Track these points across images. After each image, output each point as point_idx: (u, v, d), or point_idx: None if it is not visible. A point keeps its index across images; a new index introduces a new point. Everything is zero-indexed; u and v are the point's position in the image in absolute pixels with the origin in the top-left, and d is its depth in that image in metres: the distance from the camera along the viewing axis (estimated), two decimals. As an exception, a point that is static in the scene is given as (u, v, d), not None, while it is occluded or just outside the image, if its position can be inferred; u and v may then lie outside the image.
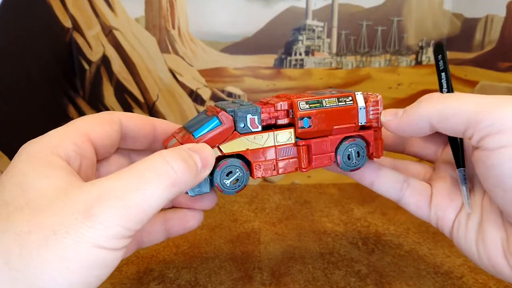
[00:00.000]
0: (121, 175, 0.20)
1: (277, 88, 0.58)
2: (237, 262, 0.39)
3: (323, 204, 0.52)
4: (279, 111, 0.27)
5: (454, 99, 0.23)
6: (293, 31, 0.57)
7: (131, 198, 0.19)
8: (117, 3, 0.54)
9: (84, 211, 0.18)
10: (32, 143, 0.22)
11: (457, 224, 0.27)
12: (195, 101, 0.58)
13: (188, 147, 0.23)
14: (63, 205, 0.19)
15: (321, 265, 0.39)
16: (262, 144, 0.27)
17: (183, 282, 0.36)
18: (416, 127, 0.25)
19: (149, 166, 0.20)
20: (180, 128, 0.28)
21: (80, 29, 0.55)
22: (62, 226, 0.18)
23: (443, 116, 0.23)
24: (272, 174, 0.28)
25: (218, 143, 0.26)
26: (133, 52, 0.56)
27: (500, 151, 0.21)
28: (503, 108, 0.21)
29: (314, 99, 0.27)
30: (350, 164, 0.29)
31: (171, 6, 0.55)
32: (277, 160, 0.28)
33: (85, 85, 0.57)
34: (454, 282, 0.36)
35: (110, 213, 0.18)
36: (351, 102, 0.28)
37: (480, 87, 0.52)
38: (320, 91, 0.30)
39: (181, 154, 0.22)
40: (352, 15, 0.56)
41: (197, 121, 0.27)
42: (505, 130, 0.21)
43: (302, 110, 0.27)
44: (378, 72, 0.59)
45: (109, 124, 0.25)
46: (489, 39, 0.51)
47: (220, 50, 0.56)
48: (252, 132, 0.26)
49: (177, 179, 0.21)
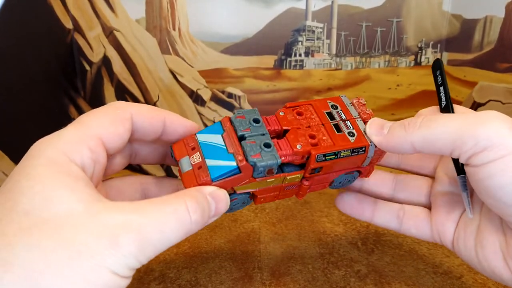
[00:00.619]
0: (147, 211, 0.21)
1: (277, 88, 0.59)
2: (237, 262, 0.39)
3: (323, 204, 0.52)
4: (295, 156, 0.27)
5: (439, 123, 0.24)
6: (293, 32, 0.57)
7: (152, 237, 0.20)
8: (118, 4, 0.54)
9: (111, 239, 0.19)
10: (47, 145, 0.22)
11: (457, 234, 0.28)
12: (196, 101, 0.58)
13: (209, 192, 0.24)
14: (90, 227, 0.19)
15: (320, 265, 0.39)
16: (271, 185, 0.28)
17: (183, 282, 0.36)
18: (400, 148, 0.26)
19: (173, 211, 0.21)
20: (193, 139, 0.27)
21: (81, 30, 0.55)
22: (88, 249, 0.18)
23: (427, 142, 0.24)
24: (271, 201, 0.29)
25: (233, 186, 0.26)
26: (134, 53, 0.56)
27: (487, 166, 0.22)
28: (484, 126, 0.22)
29: (332, 151, 0.27)
30: (339, 186, 0.32)
31: (171, 7, 0.55)
32: (279, 193, 0.29)
33: (86, 86, 0.57)
34: (453, 282, 0.36)
35: (133, 245, 0.19)
36: (363, 152, 0.28)
37: (479, 87, 0.53)
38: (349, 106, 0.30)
39: (201, 206, 0.23)
40: (352, 16, 0.57)
41: (214, 147, 0.26)
42: (489, 147, 0.22)
43: (318, 162, 0.27)
44: (377, 73, 0.59)
45: (122, 123, 0.24)
46: (488, 40, 0.51)
47: (220, 51, 0.57)
48: (266, 177, 0.27)
49: (192, 228, 0.22)
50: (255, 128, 0.27)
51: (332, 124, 0.28)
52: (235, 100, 0.59)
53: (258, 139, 0.26)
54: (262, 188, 0.28)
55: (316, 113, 0.29)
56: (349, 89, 0.59)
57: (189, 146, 0.26)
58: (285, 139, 0.27)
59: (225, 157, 0.25)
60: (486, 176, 0.22)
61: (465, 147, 0.23)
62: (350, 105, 0.30)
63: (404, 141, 0.25)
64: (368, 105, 0.30)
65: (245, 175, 0.26)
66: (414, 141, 0.24)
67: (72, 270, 0.18)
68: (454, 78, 0.57)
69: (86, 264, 0.18)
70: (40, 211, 0.19)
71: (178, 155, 0.26)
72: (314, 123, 0.28)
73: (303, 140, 0.27)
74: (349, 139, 0.28)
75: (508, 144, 0.21)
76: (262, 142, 0.26)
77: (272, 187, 0.28)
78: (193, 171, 0.25)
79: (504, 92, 0.48)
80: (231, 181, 0.25)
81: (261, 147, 0.25)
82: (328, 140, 0.27)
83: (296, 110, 0.29)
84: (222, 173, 0.25)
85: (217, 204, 0.24)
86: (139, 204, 0.21)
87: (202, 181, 0.25)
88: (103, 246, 0.19)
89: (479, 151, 0.22)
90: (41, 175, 0.20)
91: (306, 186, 0.29)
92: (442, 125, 0.24)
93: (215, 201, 0.24)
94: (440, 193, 0.30)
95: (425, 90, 0.60)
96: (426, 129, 0.24)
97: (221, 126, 0.27)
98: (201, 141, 0.26)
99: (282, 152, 0.26)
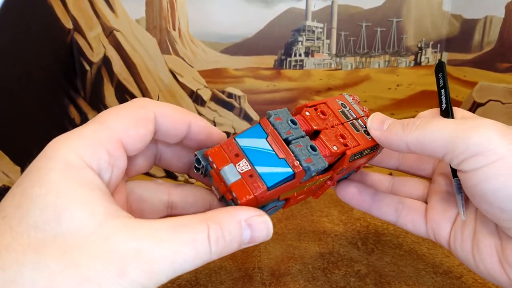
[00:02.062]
0: (161, 238, 0.19)
1: (277, 88, 0.59)
2: (237, 262, 0.39)
3: (323, 204, 0.52)
4: (332, 157, 0.26)
5: (433, 126, 0.24)
6: (292, 32, 0.57)
7: (164, 267, 0.19)
8: (118, 4, 0.54)
9: (120, 268, 0.18)
10: (64, 146, 0.21)
11: (453, 235, 0.28)
12: (196, 101, 0.58)
13: (246, 218, 0.21)
14: (100, 251, 0.18)
15: (320, 265, 0.39)
16: (305, 188, 0.27)
17: (183, 282, 0.36)
18: (395, 146, 0.26)
19: (191, 241, 0.19)
20: (233, 144, 0.24)
21: (81, 30, 0.55)
22: (96, 276, 0.18)
23: (421, 144, 0.25)
24: (297, 203, 0.29)
25: (283, 193, 0.25)
26: (134, 53, 0.56)
27: (478, 172, 0.22)
28: (475, 132, 0.22)
29: (360, 151, 0.28)
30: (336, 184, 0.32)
31: (171, 7, 0.55)
32: (305, 195, 0.29)
33: (86, 86, 0.57)
34: (453, 282, 0.36)
35: (141, 275, 0.18)
36: (376, 149, 0.29)
37: (479, 87, 0.53)
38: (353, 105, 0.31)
39: (228, 235, 0.20)
40: (352, 16, 0.57)
41: (262, 153, 0.24)
42: (479, 153, 0.22)
43: (349, 162, 0.27)
44: (377, 73, 0.59)
45: (144, 125, 0.23)
46: (488, 40, 0.51)
47: (220, 51, 0.57)
48: (308, 180, 0.26)
49: (212, 258, 0.20)
50: (294, 130, 0.25)
51: (349, 123, 0.29)
52: (235, 100, 0.59)
53: (303, 143, 0.25)
54: (299, 192, 0.27)
55: (333, 113, 0.29)
56: (349, 89, 0.59)
57: (230, 153, 0.24)
58: (320, 139, 0.26)
59: (278, 164, 0.24)
60: (478, 181, 0.23)
61: (456, 152, 0.23)
62: (354, 103, 0.31)
63: (400, 140, 0.25)
64: (368, 105, 0.31)
65: (297, 180, 0.24)
66: (409, 142, 0.25)
67: None
68: (454, 78, 0.57)
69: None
70: (51, 226, 0.18)
71: (219, 162, 0.24)
72: (336, 123, 0.28)
73: (335, 141, 0.27)
74: (367, 138, 0.28)
75: (497, 150, 0.22)
76: (307, 145, 0.25)
77: (305, 190, 0.28)
78: (244, 181, 0.23)
79: (504, 92, 0.48)
80: (283, 188, 0.24)
81: (309, 150, 0.24)
82: (353, 139, 0.28)
83: (320, 110, 0.28)
84: (278, 181, 0.23)
85: (254, 233, 0.21)
86: (154, 228, 0.19)
87: (257, 191, 0.23)
88: (111, 274, 0.18)
89: (469, 156, 0.22)
90: (55, 182, 0.19)
91: (328, 185, 0.30)
92: (436, 129, 0.24)
93: (252, 229, 0.21)
94: (436, 192, 0.30)
95: (425, 90, 0.60)
96: (422, 131, 0.25)
97: (262, 129, 0.25)
98: (244, 147, 0.24)
99: (322, 153, 0.25)
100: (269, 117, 0.25)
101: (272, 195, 0.24)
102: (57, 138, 0.21)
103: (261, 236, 0.22)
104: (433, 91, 0.60)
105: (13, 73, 0.47)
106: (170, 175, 0.60)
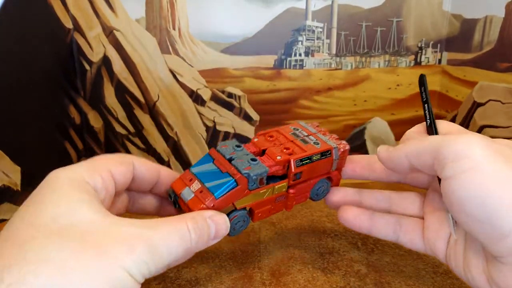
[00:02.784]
0: (156, 227, 0.24)
1: (277, 88, 0.59)
2: (237, 262, 0.39)
3: (323, 204, 0.52)
4: (278, 166, 0.31)
5: (427, 140, 0.27)
6: (292, 32, 0.57)
7: (160, 249, 0.24)
8: (118, 4, 0.54)
9: (129, 246, 0.22)
10: (65, 171, 0.26)
11: (448, 253, 0.29)
12: (196, 101, 0.58)
13: (209, 216, 0.27)
14: (111, 234, 0.23)
15: (320, 264, 0.39)
16: (264, 196, 0.32)
17: (183, 282, 0.36)
18: (397, 160, 0.28)
19: (177, 230, 0.25)
20: (188, 173, 0.31)
21: (81, 29, 0.55)
22: (111, 252, 0.22)
23: (416, 153, 0.27)
24: (266, 216, 0.34)
25: (234, 201, 0.30)
26: (134, 53, 0.56)
27: (456, 178, 0.23)
28: (457, 140, 0.24)
29: (306, 156, 0.32)
30: (318, 198, 0.36)
31: (171, 7, 0.55)
32: (271, 206, 0.33)
33: (86, 86, 0.57)
34: (453, 281, 0.36)
35: (145, 253, 0.23)
36: (329, 154, 0.34)
37: (479, 87, 0.53)
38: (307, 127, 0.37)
39: (200, 226, 0.26)
40: (352, 16, 0.57)
41: (210, 172, 0.30)
42: (458, 159, 0.23)
43: (297, 167, 0.32)
44: (377, 73, 0.59)
45: (126, 164, 0.29)
46: (488, 39, 0.51)
47: (220, 50, 0.57)
48: (259, 188, 0.31)
49: (191, 246, 0.26)
50: (239, 151, 0.32)
51: (299, 140, 0.34)
52: (235, 100, 0.59)
53: (245, 158, 0.31)
54: (258, 201, 0.32)
55: (283, 135, 0.35)
56: (349, 89, 0.59)
57: (186, 180, 0.30)
58: (266, 155, 0.32)
59: (221, 177, 0.30)
60: (455, 188, 0.23)
61: (440, 157, 0.24)
62: (308, 126, 0.37)
63: (401, 152, 0.28)
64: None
65: (242, 187, 0.30)
66: (407, 152, 0.27)
67: (97, 269, 0.21)
68: (454, 77, 0.57)
69: (109, 264, 0.21)
70: (66, 218, 0.23)
71: (178, 189, 0.30)
72: (284, 142, 0.34)
73: (280, 152, 0.32)
74: (316, 147, 0.33)
75: (474, 157, 0.23)
76: (248, 158, 0.31)
77: (265, 199, 0.32)
78: (196, 197, 0.29)
79: (504, 91, 0.48)
80: (231, 195, 0.29)
81: (249, 161, 0.30)
82: (300, 150, 0.33)
83: (268, 135, 0.35)
84: (222, 189, 0.29)
85: (217, 226, 0.28)
86: (149, 222, 0.25)
87: (207, 202, 0.28)
88: (123, 251, 0.22)
89: (450, 161, 0.24)
90: (64, 189, 0.24)
91: (292, 194, 0.33)
92: (429, 139, 0.26)
93: (215, 223, 0.27)
94: (430, 210, 0.31)
95: (425, 90, 0.60)
96: (418, 142, 0.27)
97: (210, 157, 0.32)
98: (195, 172, 0.31)
99: (266, 163, 0.31)
100: (216, 147, 0.32)
101: (224, 203, 0.29)
102: (56, 169, 0.26)
103: (222, 230, 0.28)
104: (433, 91, 0.60)
105: (13, 73, 0.48)
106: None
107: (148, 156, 0.60)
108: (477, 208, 0.23)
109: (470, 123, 0.54)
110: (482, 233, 0.23)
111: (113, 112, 0.58)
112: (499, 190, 0.22)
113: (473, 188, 0.23)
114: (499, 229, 0.22)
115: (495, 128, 0.50)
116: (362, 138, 0.61)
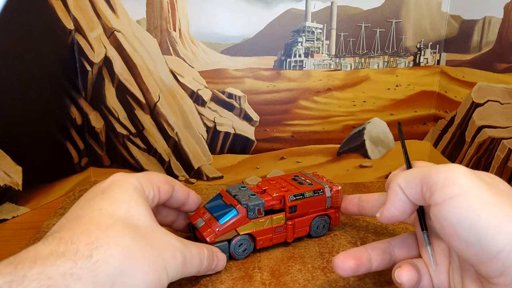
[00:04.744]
0: (187, 246, 0.32)
1: (277, 89, 0.59)
2: (237, 262, 0.39)
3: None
4: (275, 201, 0.40)
5: (416, 169, 0.29)
6: (292, 33, 0.57)
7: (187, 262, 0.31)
8: (118, 5, 0.55)
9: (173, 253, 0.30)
10: (129, 176, 0.33)
11: (451, 281, 0.30)
12: (196, 102, 0.59)
13: (216, 252, 0.36)
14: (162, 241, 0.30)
15: (320, 264, 0.39)
16: (264, 226, 0.40)
17: (184, 282, 0.36)
18: (397, 200, 0.29)
19: (199, 253, 0.33)
20: (202, 208, 0.41)
21: (82, 30, 0.55)
22: (162, 253, 0.29)
23: (407, 182, 0.28)
24: (268, 245, 0.41)
25: (236, 227, 0.38)
26: (135, 54, 0.56)
27: (446, 203, 0.25)
28: (445, 168, 0.26)
29: (299, 192, 0.41)
30: (318, 233, 0.44)
31: (172, 8, 0.55)
32: (272, 235, 0.41)
33: (87, 86, 0.57)
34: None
35: (180, 262, 0.31)
36: (322, 192, 0.42)
37: (477, 88, 0.53)
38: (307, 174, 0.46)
39: (210, 256, 0.35)
40: (351, 17, 0.57)
41: (218, 206, 0.40)
42: (447, 185, 0.25)
43: (291, 201, 0.40)
44: (376, 74, 0.60)
45: (170, 185, 0.37)
46: (487, 40, 0.51)
47: (221, 51, 0.57)
48: (258, 217, 0.39)
49: (200, 270, 0.34)
50: (243, 190, 0.42)
51: (296, 182, 0.43)
52: (235, 100, 0.59)
53: (246, 193, 0.41)
54: (259, 230, 0.39)
55: (284, 180, 0.44)
56: (348, 90, 0.60)
57: (200, 213, 0.41)
58: (266, 192, 0.41)
59: (226, 208, 0.39)
60: (446, 213, 0.24)
61: (429, 183, 0.26)
62: (308, 174, 0.46)
63: (395, 185, 0.29)
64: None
65: (242, 216, 0.38)
66: (399, 182, 0.29)
67: (152, 263, 0.27)
68: (452, 78, 0.58)
69: (159, 262, 0.28)
70: (136, 219, 0.30)
71: (194, 220, 0.40)
72: (284, 184, 0.43)
73: (277, 190, 0.41)
74: (309, 186, 0.42)
75: (462, 184, 0.24)
76: (249, 194, 0.41)
77: (266, 228, 0.40)
78: (206, 224, 0.39)
79: (502, 92, 0.48)
80: (233, 222, 0.38)
81: (249, 196, 0.40)
82: (295, 189, 0.42)
83: (271, 179, 0.44)
84: (225, 217, 0.38)
85: (218, 261, 0.36)
86: (184, 240, 0.32)
87: (213, 226, 0.38)
88: (169, 256, 0.29)
89: (439, 188, 0.25)
90: (131, 194, 0.31)
91: (290, 225, 0.41)
92: (418, 169, 0.28)
93: (218, 259, 0.36)
94: (424, 248, 0.32)
95: (424, 91, 0.61)
96: (407, 173, 0.29)
97: (220, 195, 0.42)
98: (208, 207, 0.41)
99: (264, 198, 0.40)
100: (227, 189, 0.42)
101: (227, 228, 0.38)
102: (120, 173, 0.33)
103: (220, 264, 0.37)
104: (432, 91, 0.60)
105: (14, 74, 0.48)
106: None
107: (148, 156, 0.60)
108: (466, 231, 0.24)
109: (468, 124, 0.54)
110: (473, 255, 0.24)
111: (114, 113, 0.58)
112: (484, 214, 0.23)
113: (463, 213, 0.24)
114: (487, 251, 0.23)
115: (494, 128, 0.50)
116: (362, 138, 0.61)
